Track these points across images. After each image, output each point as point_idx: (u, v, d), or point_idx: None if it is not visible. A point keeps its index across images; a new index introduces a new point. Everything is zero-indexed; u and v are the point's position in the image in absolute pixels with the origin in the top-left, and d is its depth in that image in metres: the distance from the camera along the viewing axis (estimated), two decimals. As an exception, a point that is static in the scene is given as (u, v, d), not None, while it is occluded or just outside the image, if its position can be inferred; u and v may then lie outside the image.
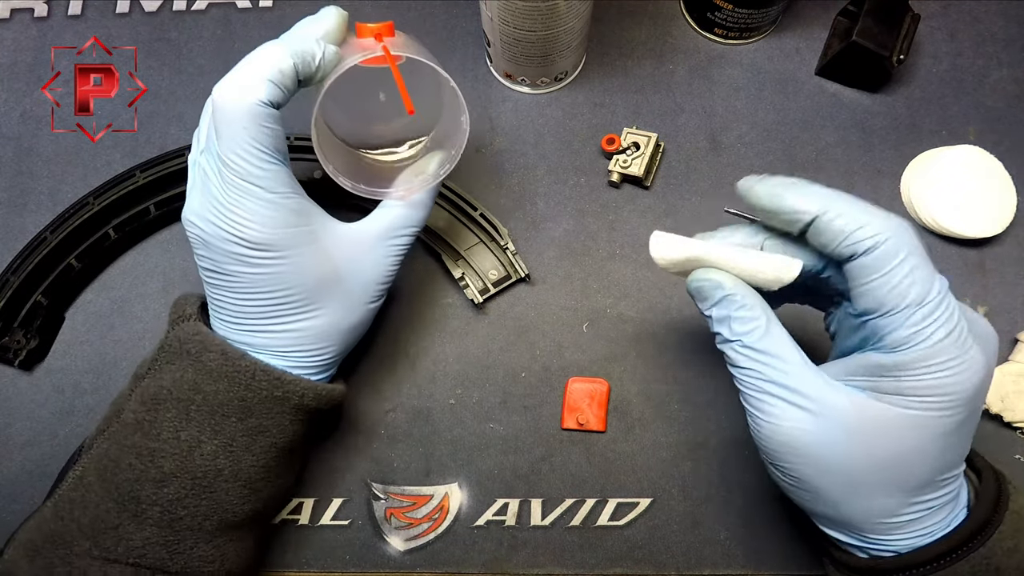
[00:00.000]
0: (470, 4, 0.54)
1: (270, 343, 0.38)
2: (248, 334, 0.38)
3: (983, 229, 0.48)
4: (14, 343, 0.47)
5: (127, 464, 0.36)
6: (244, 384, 0.36)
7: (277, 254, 0.36)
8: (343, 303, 0.39)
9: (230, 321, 0.38)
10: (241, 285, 0.37)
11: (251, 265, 0.36)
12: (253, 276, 0.36)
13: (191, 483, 0.36)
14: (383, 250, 0.39)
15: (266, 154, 0.35)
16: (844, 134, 0.51)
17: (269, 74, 0.34)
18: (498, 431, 0.46)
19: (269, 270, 0.36)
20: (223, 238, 0.36)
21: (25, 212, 0.51)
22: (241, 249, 0.36)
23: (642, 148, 0.49)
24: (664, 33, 0.54)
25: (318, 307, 0.38)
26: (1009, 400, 0.45)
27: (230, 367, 0.36)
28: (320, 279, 0.38)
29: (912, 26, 0.48)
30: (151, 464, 0.36)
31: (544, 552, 0.44)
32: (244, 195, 0.35)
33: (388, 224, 0.39)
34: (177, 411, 0.36)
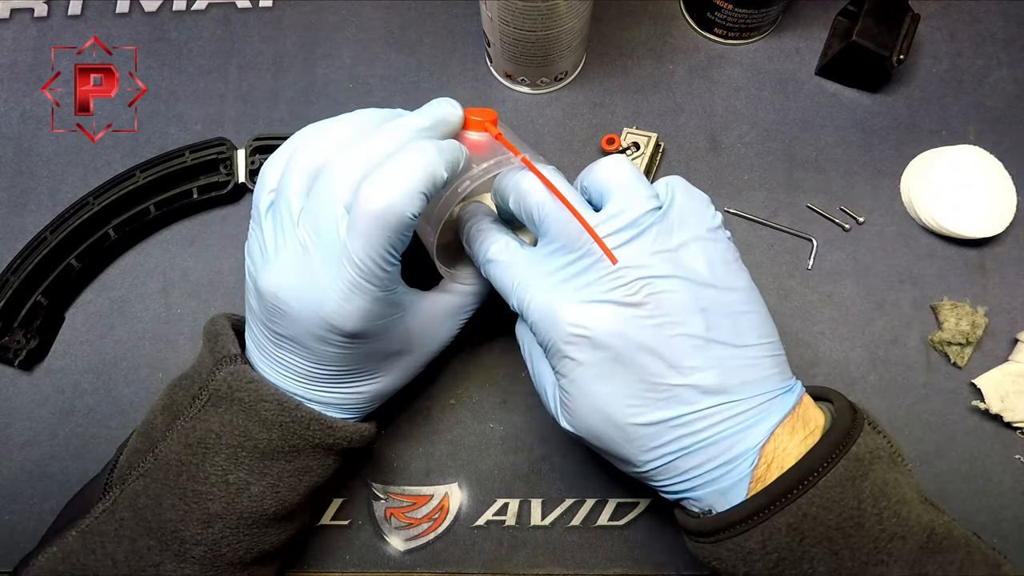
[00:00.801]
0: (470, 4, 0.54)
1: (327, 400, 0.38)
2: (300, 384, 0.37)
3: (983, 229, 0.48)
4: (14, 343, 0.47)
5: (170, 504, 0.36)
6: (298, 434, 0.36)
7: (367, 341, 0.36)
8: (405, 368, 0.40)
9: (281, 372, 0.37)
10: (316, 358, 0.36)
11: (336, 347, 0.35)
12: (334, 355, 0.36)
13: (236, 522, 0.36)
14: (452, 322, 0.40)
15: (395, 258, 0.33)
16: (844, 134, 0.51)
17: (424, 187, 0.32)
18: (498, 431, 0.46)
19: (353, 352, 0.36)
20: (316, 323, 0.34)
21: (25, 212, 0.51)
22: (327, 332, 0.34)
23: (642, 148, 0.49)
24: (664, 33, 0.54)
25: (383, 374, 0.39)
26: (1009, 400, 0.45)
27: (286, 418, 0.36)
28: (393, 353, 0.38)
29: (912, 26, 0.49)
30: (196, 506, 0.35)
31: (544, 552, 0.44)
32: (357, 292, 0.33)
33: (458, 301, 0.40)
34: (226, 455, 0.36)
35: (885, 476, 0.32)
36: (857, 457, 0.32)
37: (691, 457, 0.33)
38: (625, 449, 0.34)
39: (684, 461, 0.33)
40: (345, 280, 0.33)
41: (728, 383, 0.32)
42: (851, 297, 0.48)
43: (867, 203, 0.50)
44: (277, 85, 0.54)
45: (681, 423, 0.32)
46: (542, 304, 0.34)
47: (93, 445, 0.47)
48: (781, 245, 0.49)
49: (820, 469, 0.31)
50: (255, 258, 0.36)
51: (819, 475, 0.31)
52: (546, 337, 0.34)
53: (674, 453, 0.33)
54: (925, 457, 0.45)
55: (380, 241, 0.32)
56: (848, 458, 0.31)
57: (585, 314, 0.32)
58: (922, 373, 0.47)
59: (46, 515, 0.46)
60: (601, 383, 0.33)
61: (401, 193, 0.31)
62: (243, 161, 0.50)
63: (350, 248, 0.32)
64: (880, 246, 0.49)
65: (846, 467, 0.31)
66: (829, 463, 0.31)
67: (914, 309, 0.48)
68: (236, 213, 0.51)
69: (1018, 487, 0.45)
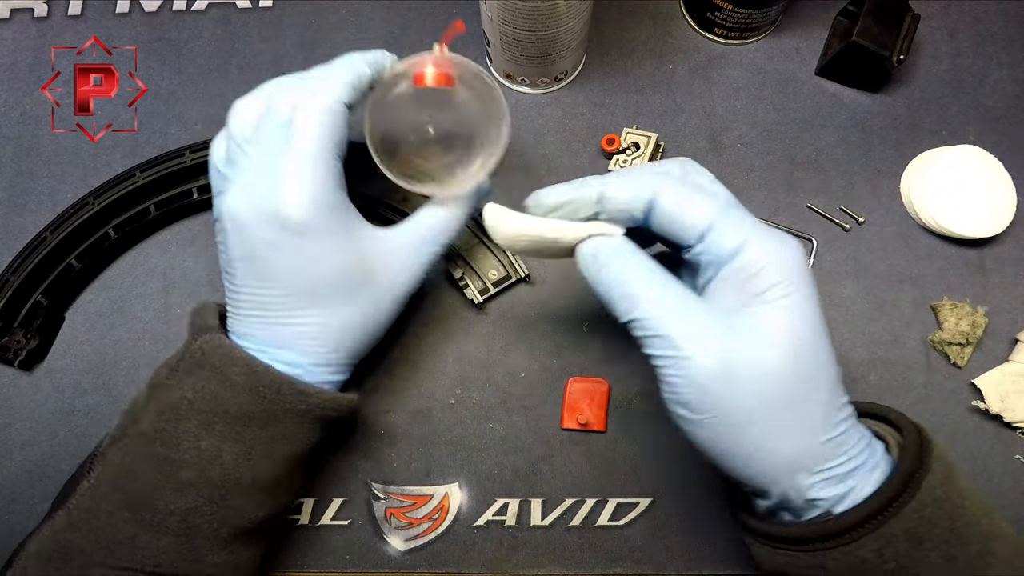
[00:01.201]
0: (470, 4, 0.54)
1: (292, 337, 0.38)
2: (271, 327, 0.37)
3: (983, 229, 0.48)
4: (14, 343, 0.47)
5: (143, 474, 0.36)
6: (269, 398, 0.36)
7: (313, 240, 0.36)
8: (368, 304, 0.39)
9: (252, 315, 0.38)
10: (271, 272, 0.37)
11: (284, 250, 0.36)
12: (284, 261, 0.36)
13: (209, 492, 0.36)
14: (414, 258, 0.40)
15: (332, 146, 0.36)
16: (844, 134, 0.51)
17: (348, 78, 0.37)
18: (498, 431, 0.46)
19: (302, 255, 0.36)
20: (267, 221, 0.36)
21: (25, 212, 0.51)
22: (278, 233, 0.36)
23: (642, 148, 0.49)
24: (664, 33, 0.54)
25: (343, 304, 0.38)
26: (1009, 400, 0.45)
27: (255, 381, 0.36)
28: (349, 274, 0.38)
29: (912, 26, 0.48)
30: (169, 474, 0.36)
31: (544, 552, 0.44)
32: (300, 176, 0.35)
33: (422, 233, 0.40)
34: (198, 422, 0.36)
35: (965, 482, 0.32)
36: (941, 457, 0.32)
37: (831, 486, 0.32)
38: (768, 462, 0.32)
39: (825, 488, 0.32)
40: (288, 166, 0.35)
41: (848, 411, 0.33)
42: (851, 297, 0.48)
43: (867, 203, 0.50)
44: (277, 85, 0.54)
45: (832, 439, 0.32)
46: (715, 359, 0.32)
47: (93, 445, 0.47)
48: (781, 245, 0.49)
49: (919, 470, 0.31)
50: (217, 203, 0.38)
51: (920, 475, 0.31)
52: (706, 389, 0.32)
53: (819, 476, 0.32)
54: (925, 457, 0.45)
55: (317, 129, 0.36)
56: (936, 459, 0.32)
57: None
58: (922, 373, 0.47)
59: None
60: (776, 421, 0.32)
61: (329, 84, 0.37)
62: (243, 161, 0.50)
63: (290, 140, 0.36)
64: (880, 246, 0.49)
65: (938, 468, 0.31)
66: (924, 464, 0.31)
67: (914, 309, 0.48)
68: (236, 213, 0.51)
69: (1018, 487, 0.45)
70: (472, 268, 0.48)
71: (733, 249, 0.32)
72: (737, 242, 0.32)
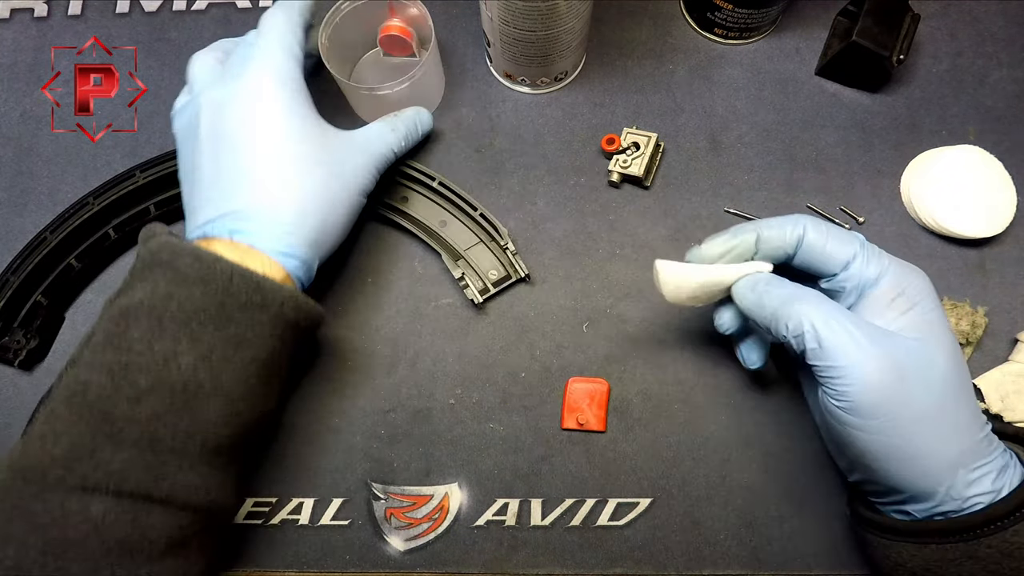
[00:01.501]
0: (470, 4, 0.54)
1: (249, 203, 0.39)
2: (231, 197, 0.39)
3: (983, 229, 0.48)
4: (14, 343, 0.47)
5: (97, 383, 0.34)
6: (221, 288, 0.35)
7: (281, 110, 0.40)
8: (324, 189, 0.41)
9: (219, 185, 0.39)
10: (237, 142, 0.40)
11: (258, 119, 0.40)
12: (253, 130, 0.40)
13: (170, 398, 0.34)
14: (364, 158, 0.44)
15: (292, 40, 0.43)
16: (844, 134, 0.51)
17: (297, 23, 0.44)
18: (498, 431, 0.46)
19: (268, 122, 0.40)
20: (244, 90, 0.40)
21: (25, 212, 0.51)
22: (253, 105, 0.40)
23: (642, 148, 0.49)
24: (664, 33, 0.54)
25: (301, 176, 0.40)
26: (1009, 400, 0.45)
27: (205, 270, 0.35)
28: (310, 143, 0.41)
29: (912, 26, 0.48)
30: (124, 380, 0.34)
31: (544, 552, 0.44)
32: (269, 53, 0.41)
33: (371, 136, 0.45)
34: (149, 322, 0.35)
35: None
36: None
37: (981, 482, 0.34)
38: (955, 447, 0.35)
39: (976, 485, 0.34)
40: (257, 54, 0.41)
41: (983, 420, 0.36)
42: (851, 297, 0.48)
43: (867, 203, 0.50)
44: (277, 85, 0.54)
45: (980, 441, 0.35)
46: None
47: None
48: (781, 245, 0.49)
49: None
50: (187, 103, 0.43)
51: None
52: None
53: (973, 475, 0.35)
54: (925, 457, 0.45)
55: (278, 29, 0.42)
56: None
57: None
58: (922, 373, 0.47)
59: (46, 515, 0.46)
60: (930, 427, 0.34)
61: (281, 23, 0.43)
62: (243, 161, 0.50)
63: (256, 40, 0.42)
64: (880, 246, 0.49)
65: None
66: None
67: (914, 309, 0.48)
68: (236, 213, 0.51)
69: (1018, 487, 0.45)
70: (472, 268, 0.48)
71: (876, 275, 0.36)
72: (879, 270, 0.36)
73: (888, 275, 0.36)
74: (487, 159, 0.51)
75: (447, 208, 0.49)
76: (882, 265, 0.36)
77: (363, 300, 0.49)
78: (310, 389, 0.48)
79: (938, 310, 0.36)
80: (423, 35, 0.51)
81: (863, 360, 0.33)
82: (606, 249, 0.50)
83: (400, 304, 0.49)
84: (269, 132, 0.40)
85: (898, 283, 0.36)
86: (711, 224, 0.50)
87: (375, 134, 0.45)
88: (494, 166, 0.51)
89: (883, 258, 0.37)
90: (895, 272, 0.36)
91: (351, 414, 0.47)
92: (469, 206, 0.48)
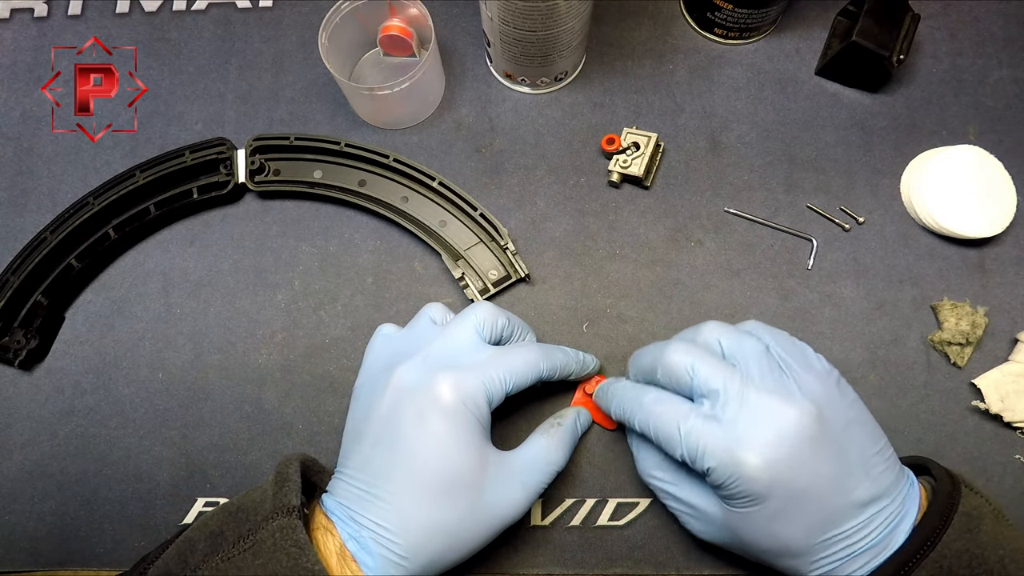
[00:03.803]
0: (470, 4, 0.54)
1: (378, 516, 0.36)
2: (366, 498, 0.37)
3: (983, 229, 0.48)
4: (14, 343, 0.47)
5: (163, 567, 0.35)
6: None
7: (457, 426, 0.37)
8: (464, 515, 0.38)
9: (356, 477, 0.37)
10: (399, 441, 0.37)
11: (428, 425, 0.36)
12: (419, 435, 0.37)
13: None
14: (518, 489, 0.39)
15: (518, 381, 0.39)
16: (844, 134, 0.51)
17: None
18: (498, 431, 0.46)
19: (438, 437, 0.37)
20: (429, 391, 0.37)
21: (25, 212, 0.51)
22: (432, 408, 0.37)
23: (642, 148, 0.49)
24: (664, 33, 0.54)
25: (442, 503, 0.37)
26: (1009, 400, 0.45)
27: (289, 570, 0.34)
28: (465, 474, 0.37)
29: (912, 26, 0.48)
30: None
31: (544, 552, 0.44)
32: (490, 371, 0.38)
33: (532, 456, 0.41)
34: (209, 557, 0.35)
35: (994, 529, 0.35)
36: (966, 513, 0.35)
37: (855, 560, 0.35)
38: (791, 562, 0.36)
39: (848, 565, 0.35)
40: (494, 362, 0.39)
41: (879, 490, 0.35)
42: (851, 297, 0.48)
43: (867, 203, 0.50)
44: (277, 85, 0.54)
45: (847, 535, 0.35)
46: (720, 450, 0.35)
47: (93, 445, 0.47)
48: (781, 245, 0.49)
49: (939, 528, 0.34)
50: (377, 368, 0.40)
51: (939, 533, 0.34)
52: (726, 479, 0.35)
53: (840, 560, 0.35)
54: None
55: (523, 360, 0.40)
56: (959, 515, 0.35)
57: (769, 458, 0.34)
58: (922, 373, 0.47)
59: (46, 515, 0.46)
60: (781, 518, 0.35)
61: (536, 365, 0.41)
62: (243, 161, 0.50)
63: (504, 350, 0.40)
64: (880, 246, 0.49)
65: (959, 523, 0.34)
66: (945, 522, 0.34)
67: (914, 309, 0.48)
68: (236, 213, 0.51)
69: (1018, 487, 0.45)
70: (472, 268, 0.48)
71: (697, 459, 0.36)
72: (698, 455, 0.36)
73: (712, 474, 0.35)
74: (487, 159, 0.51)
75: (447, 208, 0.49)
76: (704, 466, 0.35)
77: (363, 300, 0.49)
78: (310, 389, 0.48)
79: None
80: (423, 35, 0.51)
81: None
82: (606, 249, 0.50)
83: (400, 304, 0.49)
84: (430, 452, 0.37)
85: (720, 478, 0.35)
86: (711, 224, 0.50)
87: (535, 454, 0.41)
88: (494, 166, 0.51)
89: (707, 458, 0.35)
90: (717, 472, 0.35)
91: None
92: (469, 206, 0.48)
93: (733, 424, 0.35)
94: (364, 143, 0.50)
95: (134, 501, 0.46)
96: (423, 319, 0.42)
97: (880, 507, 0.35)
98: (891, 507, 0.35)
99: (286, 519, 0.35)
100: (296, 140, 0.50)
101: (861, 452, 0.35)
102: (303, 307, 0.49)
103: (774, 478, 0.34)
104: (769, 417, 0.34)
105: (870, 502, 0.35)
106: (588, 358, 0.44)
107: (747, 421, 0.35)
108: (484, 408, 0.38)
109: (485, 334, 0.40)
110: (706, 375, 0.36)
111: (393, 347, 0.41)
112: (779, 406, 0.35)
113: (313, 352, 0.48)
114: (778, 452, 0.34)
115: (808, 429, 0.34)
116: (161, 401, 0.48)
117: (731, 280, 0.49)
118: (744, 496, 0.35)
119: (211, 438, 0.47)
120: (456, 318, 0.41)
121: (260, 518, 0.36)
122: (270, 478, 0.38)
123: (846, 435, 0.35)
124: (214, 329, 0.49)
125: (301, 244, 0.50)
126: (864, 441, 0.36)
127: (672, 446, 0.36)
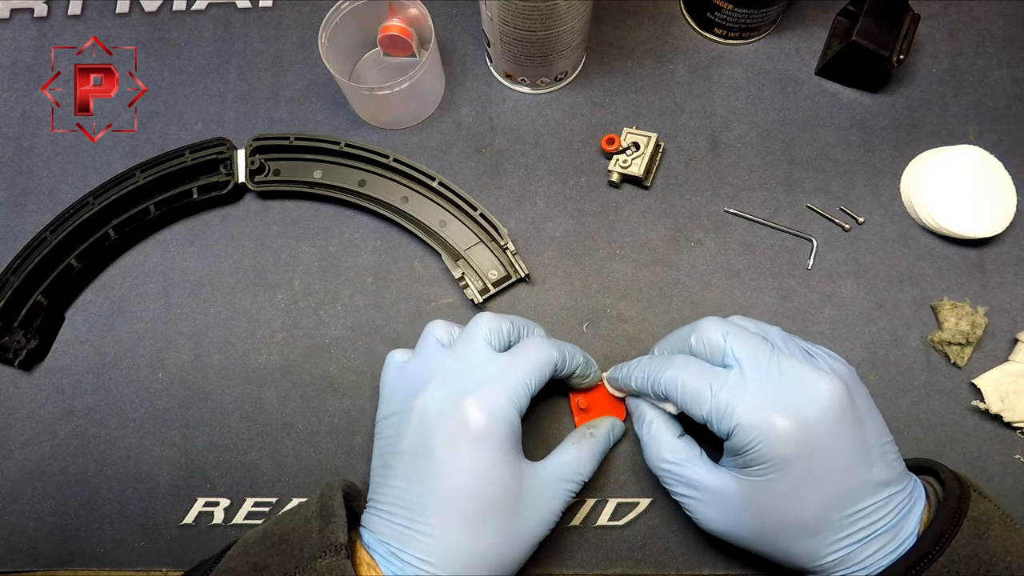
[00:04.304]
0: (470, 4, 0.54)
1: (416, 549, 0.36)
2: (402, 531, 0.36)
3: (983, 229, 0.48)
4: (14, 343, 0.47)
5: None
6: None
7: (488, 451, 0.36)
8: (504, 538, 0.37)
9: (392, 511, 0.37)
10: (431, 471, 0.36)
11: (459, 451, 0.36)
12: (453, 463, 0.36)
13: None
14: (555, 486, 0.40)
15: (537, 380, 0.39)
16: (844, 134, 0.51)
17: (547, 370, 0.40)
18: (498, 431, 0.46)
19: (472, 463, 0.36)
20: (454, 415, 0.36)
21: (25, 212, 0.51)
22: (461, 432, 0.36)
23: (642, 148, 0.49)
24: (664, 33, 0.54)
25: (480, 529, 0.37)
26: (1009, 400, 0.45)
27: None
28: (504, 497, 0.37)
29: (912, 26, 0.48)
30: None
31: (544, 552, 0.44)
32: (507, 384, 0.38)
33: (563, 466, 0.40)
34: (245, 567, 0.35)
35: (1003, 533, 0.35)
36: (975, 518, 0.35)
37: (870, 545, 0.35)
38: (806, 543, 0.36)
39: (864, 549, 0.35)
40: (503, 375, 0.38)
41: (894, 474, 0.36)
42: (851, 297, 0.48)
43: (867, 203, 0.50)
44: (277, 85, 0.54)
45: (867, 513, 0.35)
46: (749, 410, 0.35)
47: (93, 445, 0.47)
48: (781, 245, 0.49)
49: (948, 532, 0.34)
50: (401, 399, 0.40)
51: (948, 537, 0.34)
52: (750, 441, 0.35)
53: (857, 543, 0.35)
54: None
55: (537, 359, 0.39)
56: (968, 520, 0.35)
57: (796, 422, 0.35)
58: (922, 373, 0.47)
59: (46, 515, 0.46)
60: (802, 489, 0.35)
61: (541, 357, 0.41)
62: (243, 161, 0.50)
63: (512, 358, 0.39)
64: (880, 246, 0.49)
65: (968, 527, 0.34)
66: (954, 526, 0.34)
67: (914, 309, 0.48)
68: (236, 213, 0.51)
69: (1018, 487, 0.45)
70: (472, 268, 0.48)
71: (728, 432, 0.36)
72: (728, 428, 0.36)
73: (737, 434, 0.36)
74: (487, 159, 0.51)
75: (447, 208, 0.49)
76: (731, 424, 0.36)
77: (363, 300, 0.49)
78: (310, 389, 0.48)
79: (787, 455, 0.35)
80: (423, 35, 0.51)
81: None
82: (606, 249, 0.50)
83: (400, 304, 0.49)
84: (466, 480, 0.36)
85: (744, 440, 0.36)
86: (711, 224, 0.50)
87: (567, 464, 0.41)
88: (494, 166, 0.51)
89: (735, 417, 0.35)
90: (744, 431, 0.35)
91: (351, 414, 0.47)
92: (469, 206, 0.48)
93: (765, 387, 0.36)
94: (364, 143, 0.50)
95: (134, 501, 0.46)
96: (430, 341, 0.41)
97: (895, 490, 0.36)
98: (903, 494, 0.36)
99: (334, 558, 0.35)
100: (296, 140, 0.50)
101: (877, 437, 0.36)
102: (303, 307, 0.49)
103: (802, 443, 0.34)
104: (801, 385, 0.35)
105: (887, 483, 0.36)
106: (589, 357, 0.44)
107: (779, 386, 0.35)
108: (515, 419, 0.38)
109: (494, 343, 0.40)
110: (741, 341, 0.37)
111: (408, 375, 0.41)
112: (812, 376, 0.36)
113: (313, 352, 0.48)
114: (809, 416, 0.34)
115: (838, 399, 0.35)
116: (161, 401, 0.48)
117: (731, 280, 0.49)
118: (766, 461, 0.35)
119: (211, 438, 0.47)
120: (463, 335, 0.40)
121: (307, 555, 0.35)
122: (314, 508, 0.37)
123: (867, 417, 0.36)
124: (214, 329, 0.49)
125: (301, 244, 0.50)
126: (879, 428, 0.37)
127: (700, 403, 0.37)
